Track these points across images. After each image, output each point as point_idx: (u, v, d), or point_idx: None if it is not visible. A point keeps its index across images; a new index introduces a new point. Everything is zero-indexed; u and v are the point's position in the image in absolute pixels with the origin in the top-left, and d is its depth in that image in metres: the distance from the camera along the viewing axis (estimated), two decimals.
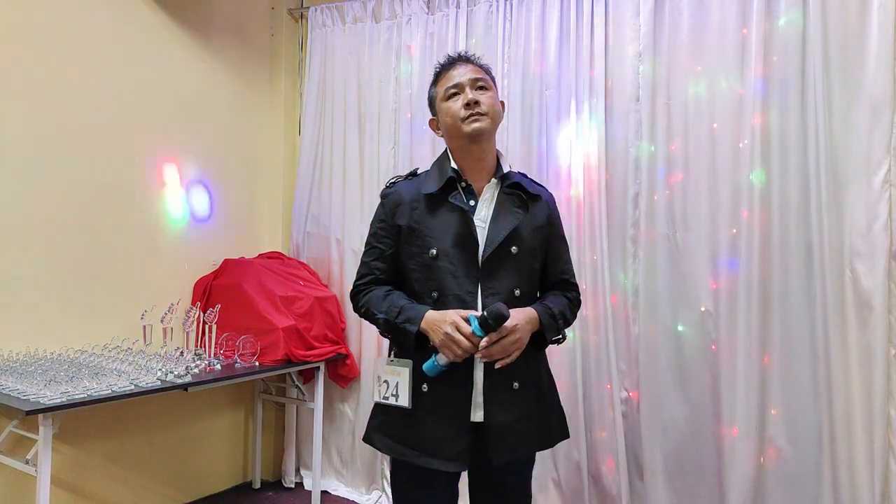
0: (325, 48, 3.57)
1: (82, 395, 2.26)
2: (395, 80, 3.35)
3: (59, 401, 2.19)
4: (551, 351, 2.96)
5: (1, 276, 2.54)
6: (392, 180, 1.84)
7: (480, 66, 1.80)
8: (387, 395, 1.69)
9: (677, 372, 2.64)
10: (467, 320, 1.58)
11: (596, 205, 2.78)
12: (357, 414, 3.40)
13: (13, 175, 2.58)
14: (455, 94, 1.73)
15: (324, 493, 3.37)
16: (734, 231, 2.54)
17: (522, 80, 2.99)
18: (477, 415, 1.64)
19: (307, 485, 3.48)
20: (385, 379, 1.70)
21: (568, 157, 2.86)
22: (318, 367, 3.22)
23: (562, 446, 2.82)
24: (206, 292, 3.22)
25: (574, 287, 1.86)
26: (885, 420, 2.27)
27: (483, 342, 1.57)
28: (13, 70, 2.57)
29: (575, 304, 1.84)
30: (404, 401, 1.65)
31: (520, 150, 2.99)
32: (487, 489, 1.77)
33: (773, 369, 2.47)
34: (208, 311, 2.93)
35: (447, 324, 1.59)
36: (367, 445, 1.71)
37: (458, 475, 1.75)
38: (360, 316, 1.81)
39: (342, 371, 3.38)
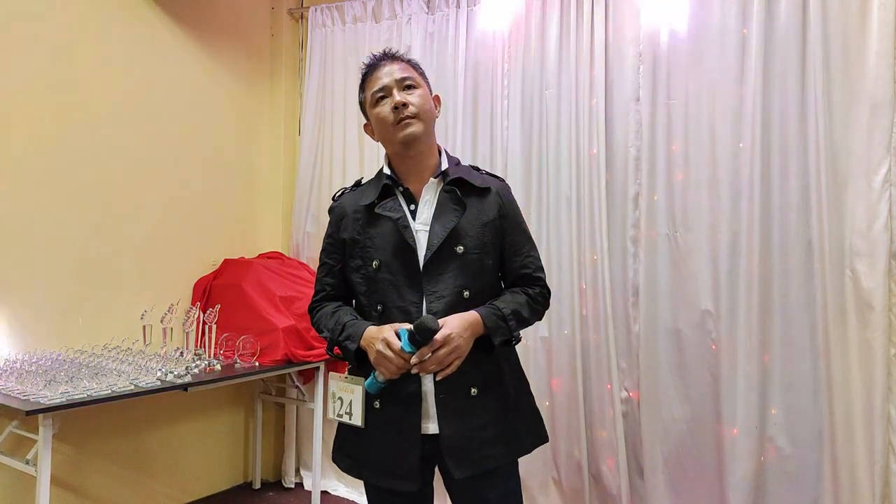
0: (325, 48, 3.57)
1: (82, 396, 2.26)
2: None
3: (59, 401, 2.19)
4: (551, 350, 2.95)
5: (1, 277, 2.54)
6: (338, 192, 1.80)
7: (408, 63, 1.72)
8: (340, 413, 1.64)
9: (677, 372, 2.64)
10: (399, 335, 1.51)
11: (596, 205, 2.78)
12: None
13: (13, 175, 2.58)
14: (383, 98, 1.66)
15: (324, 493, 3.37)
16: (734, 231, 2.54)
17: (522, 80, 2.99)
18: (429, 427, 1.57)
19: (307, 485, 3.48)
20: (339, 396, 1.65)
21: (568, 157, 2.86)
22: (318, 368, 3.22)
23: (562, 446, 2.82)
24: (206, 292, 3.21)
25: (537, 281, 1.72)
26: (886, 419, 2.27)
27: (413, 358, 1.50)
28: (13, 70, 2.57)
29: (537, 299, 1.70)
30: (357, 419, 1.60)
31: (520, 150, 2.99)
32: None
33: (773, 369, 2.47)
34: (208, 312, 2.93)
35: (379, 341, 1.53)
36: None
37: (426, 491, 1.68)
38: (318, 334, 1.76)
39: (342, 371, 3.37)
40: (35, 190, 2.64)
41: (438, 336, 1.49)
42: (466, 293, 1.60)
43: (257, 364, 2.94)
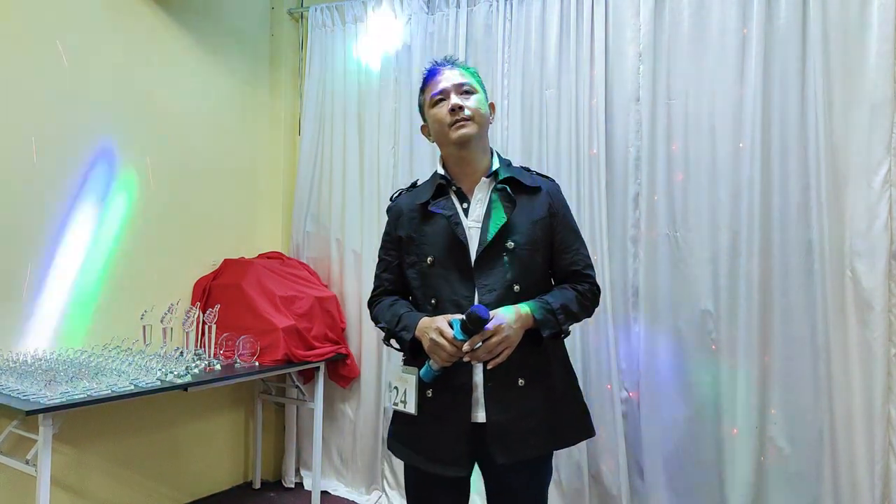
0: (325, 48, 3.57)
1: (82, 396, 2.26)
2: (395, 80, 3.35)
3: (59, 401, 2.19)
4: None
5: (1, 277, 2.54)
6: (395, 193, 1.90)
7: (466, 70, 1.82)
8: (396, 402, 1.71)
9: (677, 372, 2.64)
10: (452, 324, 1.59)
11: (596, 205, 2.78)
12: (357, 414, 3.40)
13: (14, 175, 2.58)
14: (441, 101, 1.75)
15: (324, 493, 3.37)
16: (734, 231, 2.54)
17: (522, 80, 2.99)
18: (479, 415, 1.64)
19: (307, 485, 3.48)
20: (395, 385, 1.73)
21: (568, 157, 2.86)
22: (319, 367, 3.22)
23: None
24: (206, 292, 3.21)
25: (586, 277, 1.78)
26: (886, 419, 2.27)
27: (465, 346, 1.57)
28: (13, 70, 2.57)
29: (586, 295, 1.76)
30: (411, 407, 1.68)
31: (520, 150, 2.99)
32: (500, 493, 1.76)
33: (774, 369, 2.47)
34: (208, 312, 2.93)
35: (432, 330, 1.61)
36: (367, 445, 1.72)
37: (467, 478, 1.75)
38: (375, 325, 1.85)
39: (342, 371, 3.38)
40: (36, 189, 2.64)
41: (490, 325, 1.56)
42: (517, 287, 1.67)
43: (257, 364, 2.94)
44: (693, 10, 2.64)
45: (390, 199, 1.89)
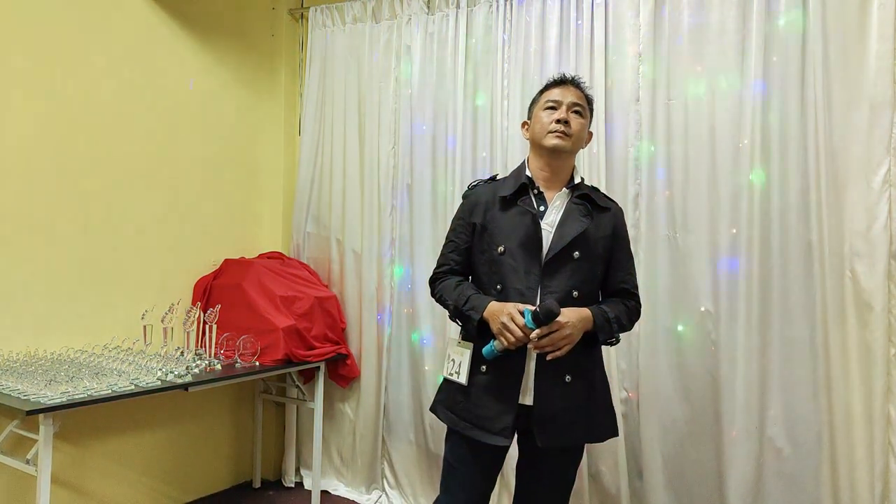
0: (325, 48, 3.57)
1: (83, 395, 2.26)
2: (395, 80, 3.35)
3: (59, 401, 2.20)
4: None
5: (1, 277, 2.55)
6: (473, 183, 2.07)
7: (584, 94, 1.99)
8: (451, 372, 1.93)
9: (677, 372, 2.64)
10: (523, 313, 1.75)
11: None
12: (357, 414, 3.40)
13: (14, 175, 2.58)
14: (552, 108, 1.93)
15: (324, 492, 3.38)
16: (734, 231, 2.54)
17: (522, 80, 2.99)
18: (526, 398, 1.83)
19: (307, 484, 3.48)
20: (452, 357, 1.93)
21: None
22: (319, 367, 3.23)
23: None
24: (207, 292, 3.22)
25: (633, 296, 1.99)
26: (885, 420, 2.27)
27: (533, 334, 1.75)
28: (13, 70, 2.58)
29: (633, 311, 1.97)
30: (463, 378, 1.88)
31: (520, 150, 2.98)
32: (534, 469, 1.95)
33: (773, 369, 2.46)
34: (208, 311, 2.93)
35: (504, 314, 1.78)
36: (367, 445, 1.79)
37: (503, 452, 1.94)
38: (436, 300, 2.04)
39: (342, 371, 3.38)
40: (36, 189, 2.65)
41: (559, 319, 1.75)
42: (576, 293, 1.85)
43: (257, 364, 2.95)
44: (693, 10, 2.64)
45: (468, 188, 2.07)
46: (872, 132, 2.31)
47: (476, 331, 1.87)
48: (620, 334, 1.96)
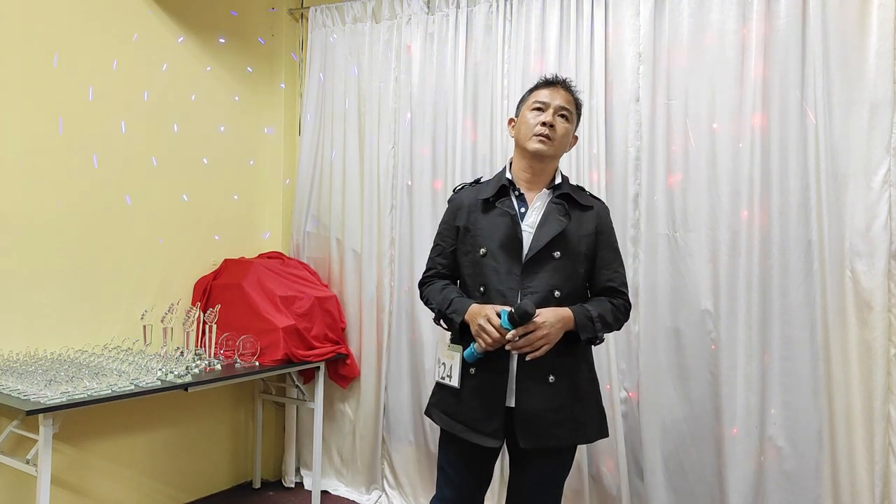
0: (325, 48, 3.57)
1: (83, 395, 2.26)
2: (395, 80, 3.35)
3: (59, 401, 2.20)
4: None
5: (1, 277, 2.55)
6: (458, 186, 2.09)
7: (574, 98, 1.98)
8: (443, 376, 1.93)
9: (677, 372, 2.64)
10: (500, 314, 1.76)
11: None
12: (357, 414, 3.40)
13: (14, 175, 2.58)
14: (539, 110, 1.92)
15: (324, 492, 3.38)
16: (734, 231, 2.54)
17: (522, 80, 2.98)
18: (511, 401, 1.83)
19: (307, 484, 3.48)
20: (443, 361, 1.94)
21: (568, 157, 2.86)
22: (319, 367, 3.22)
23: None
24: (206, 292, 3.22)
25: (621, 294, 1.96)
26: (886, 419, 2.27)
27: (509, 335, 1.74)
28: (13, 70, 2.57)
29: (620, 310, 1.94)
30: (455, 381, 1.89)
31: None
32: (521, 470, 1.94)
33: (773, 369, 2.47)
34: (208, 311, 2.93)
35: (481, 316, 1.79)
36: (367, 445, 1.79)
37: (496, 453, 1.94)
38: (424, 304, 2.06)
39: (342, 371, 3.38)
40: (36, 189, 2.64)
41: (535, 320, 1.74)
42: (557, 293, 1.84)
43: (257, 364, 2.94)
44: (693, 10, 2.64)
45: (453, 191, 2.08)
46: (872, 132, 2.31)
47: (460, 334, 1.90)
48: (609, 333, 1.95)
